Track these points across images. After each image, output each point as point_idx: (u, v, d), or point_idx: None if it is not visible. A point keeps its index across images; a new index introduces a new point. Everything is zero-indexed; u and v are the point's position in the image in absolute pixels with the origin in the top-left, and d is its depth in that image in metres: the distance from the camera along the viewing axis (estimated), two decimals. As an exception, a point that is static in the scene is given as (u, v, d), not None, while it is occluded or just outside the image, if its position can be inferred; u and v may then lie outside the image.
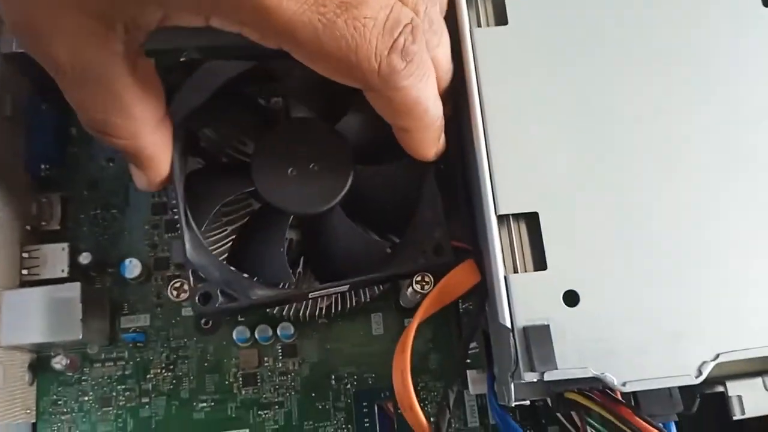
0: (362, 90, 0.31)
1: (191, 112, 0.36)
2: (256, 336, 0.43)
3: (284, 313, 0.41)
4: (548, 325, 0.32)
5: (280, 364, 0.44)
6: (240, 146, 0.40)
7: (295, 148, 0.37)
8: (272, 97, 0.42)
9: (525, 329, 0.33)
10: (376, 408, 0.43)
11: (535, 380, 0.32)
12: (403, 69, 0.29)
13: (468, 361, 0.42)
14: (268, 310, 0.42)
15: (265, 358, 0.44)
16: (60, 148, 0.46)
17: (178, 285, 0.37)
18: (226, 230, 0.40)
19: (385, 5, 0.29)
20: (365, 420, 0.43)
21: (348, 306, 0.42)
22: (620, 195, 0.35)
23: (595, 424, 0.38)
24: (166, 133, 0.34)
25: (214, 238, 0.40)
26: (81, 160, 0.46)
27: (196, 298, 0.35)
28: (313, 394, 0.43)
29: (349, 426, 0.43)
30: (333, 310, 0.42)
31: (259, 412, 0.43)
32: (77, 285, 0.40)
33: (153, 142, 0.34)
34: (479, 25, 0.38)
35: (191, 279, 0.36)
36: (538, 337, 0.32)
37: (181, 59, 0.39)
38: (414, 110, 0.32)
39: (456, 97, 0.38)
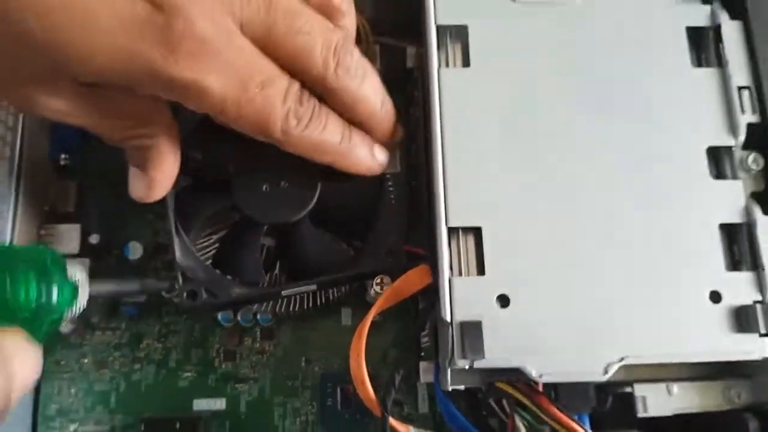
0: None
1: (182, 138, 0.42)
2: (239, 318, 0.49)
3: (262, 309, 0.47)
4: (480, 322, 0.38)
5: (258, 345, 0.50)
6: (223, 166, 0.46)
7: (269, 168, 0.44)
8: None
9: (461, 324, 0.39)
10: (339, 390, 0.49)
11: (466, 367, 0.38)
12: (296, 127, 0.38)
13: (422, 354, 0.48)
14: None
15: (245, 338, 0.50)
16: (80, 139, 0.52)
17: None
18: (212, 238, 0.47)
19: (285, 86, 0.38)
20: (329, 399, 0.49)
21: (318, 303, 0.47)
22: (553, 218, 0.41)
23: (525, 416, 0.45)
24: (176, 137, 0.41)
25: (204, 245, 0.47)
26: (97, 150, 0.52)
27: (184, 295, 0.43)
28: (285, 373, 0.49)
29: (314, 403, 0.49)
30: (305, 307, 0.47)
31: (236, 385, 0.49)
32: (86, 261, 0.46)
33: (166, 140, 0.40)
34: (447, 66, 0.44)
35: (180, 279, 0.43)
36: (471, 331, 0.38)
37: None
38: (322, 151, 0.41)
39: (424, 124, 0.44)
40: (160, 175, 0.40)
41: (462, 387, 0.40)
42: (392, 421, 0.41)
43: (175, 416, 0.47)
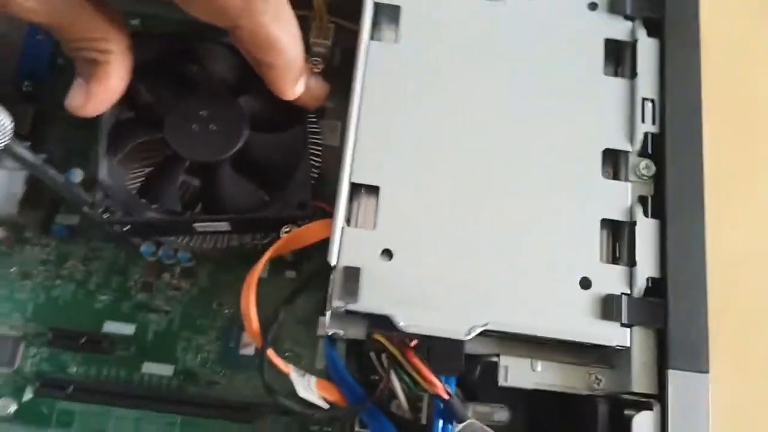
0: (232, 30, 0.41)
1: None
2: (160, 253, 0.52)
3: (179, 241, 0.50)
4: (359, 268, 0.41)
5: (176, 281, 0.53)
6: (161, 106, 0.49)
7: (202, 111, 0.48)
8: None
9: (343, 268, 0.41)
10: (243, 333, 0.51)
11: (341, 308, 0.41)
12: (260, 6, 0.40)
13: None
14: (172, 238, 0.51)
15: (164, 273, 0.53)
16: (47, 69, 0.56)
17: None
18: (144, 171, 0.50)
19: None
20: (231, 341, 0.51)
21: (231, 245, 0.50)
22: (448, 188, 0.44)
23: (406, 379, 0.47)
24: (128, 64, 0.44)
25: (135, 174, 0.50)
26: (61, 83, 0.55)
27: (102, 210, 0.46)
28: (195, 311, 0.52)
29: (219, 342, 0.51)
30: (217, 246, 0.50)
31: (148, 314, 0.52)
32: (24, 174, 0.50)
33: (117, 61, 0.43)
34: (379, 40, 0.47)
35: (100, 195, 0.46)
36: (351, 276, 0.41)
37: None
38: (273, 46, 0.42)
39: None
40: (102, 90, 0.43)
41: (341, 332, 0.43)
42: (270, 353, 0.43)
43: (83, 331, 0.50)
